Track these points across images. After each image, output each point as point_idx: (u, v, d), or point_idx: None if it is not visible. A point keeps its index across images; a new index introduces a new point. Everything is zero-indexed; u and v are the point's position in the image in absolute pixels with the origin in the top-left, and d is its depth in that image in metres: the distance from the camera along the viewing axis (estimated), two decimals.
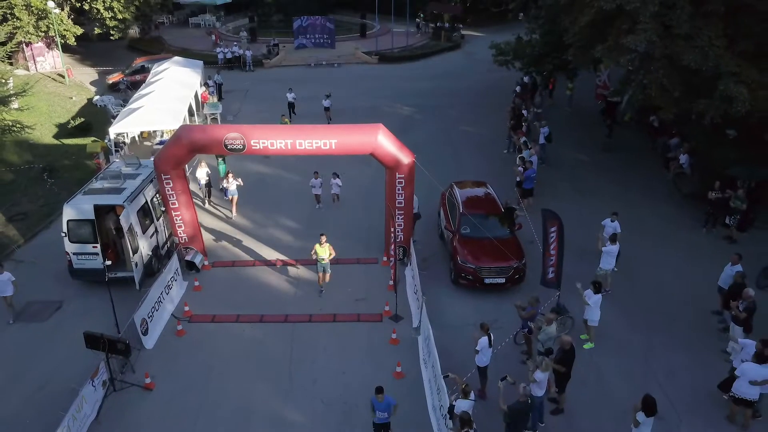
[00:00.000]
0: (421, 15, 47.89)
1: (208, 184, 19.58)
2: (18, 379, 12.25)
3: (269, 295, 15.03)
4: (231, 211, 18.98)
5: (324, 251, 14.37)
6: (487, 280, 14.51)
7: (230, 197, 18.80)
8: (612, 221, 15.51)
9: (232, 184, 18.59)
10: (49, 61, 36.45)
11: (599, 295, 12.45)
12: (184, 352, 13.01)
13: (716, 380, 11.51)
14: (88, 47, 39.26)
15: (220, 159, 20.13)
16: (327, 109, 27.04)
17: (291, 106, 27.53)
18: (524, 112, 24.77)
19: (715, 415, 11.05)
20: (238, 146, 14.47)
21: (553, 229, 13.45)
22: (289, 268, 16.19)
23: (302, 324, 13.88)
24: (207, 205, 19.65)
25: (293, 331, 13.60)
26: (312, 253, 14.45)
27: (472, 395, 9.81)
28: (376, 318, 14.06)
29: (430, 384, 11.71)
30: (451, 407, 9.70)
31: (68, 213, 14.34)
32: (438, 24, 46.09)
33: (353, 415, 11.34)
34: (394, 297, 14.38)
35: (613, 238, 14.38)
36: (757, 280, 14.81)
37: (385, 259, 16.32)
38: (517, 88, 28.36)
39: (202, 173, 19.35)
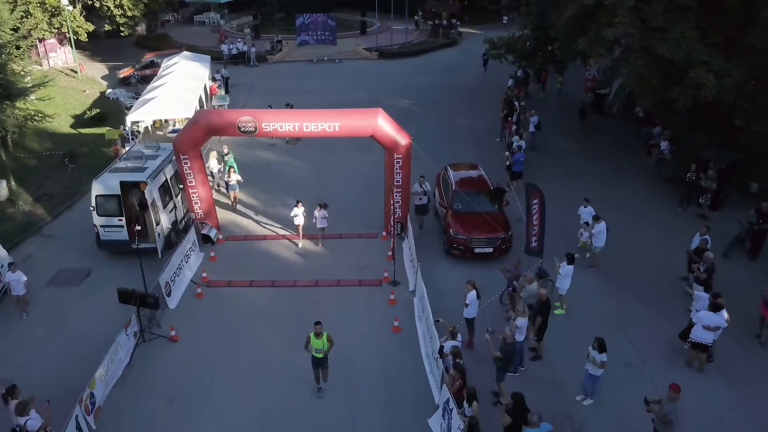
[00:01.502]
0: (420, 13, 49.40)
1: (220, 171, 20.86)
2: (57, 333, 13.69)
3: (279, 265, 16.48)
4: (232, 204, 19.62)
5: (320, 343, 11.38)
6: (476, 250, 15.97)
7: (231, 192, 19.46)
8: (585, 207, 16.69)
9: (232, 179, 19.21)
10: (61, 56, 37.90)
11: (571, 267, 13.82)
12: (203, 312, 14.47)
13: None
14: (97, 44, 40.75)
15: (227, 156, 20.99)
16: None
17: None
18: (516, 103, 26.24)
19: (676, 361, 12.48)
20: (251, 128, 15.91)
21: (535, 202, 14.89)
22: (296, 241, 17.61)
23: (309, 288, 15.33)
24: (219, 187, 21.00)
25: (301, 294, 15.05)
26: (306, 345, 11.54)
27: (459, 337, 11.28)
28: (376, 283, 15.52)
29: (423, 336, 13.17)
30: (441, 347, 11.16)
31: (96, 189, 15.78)
32: (436, 22, 47.63)
33: (355, 363, 12.76)
34: (393, 265, 15.83)
35: (596, 218, 15.75)
36: (724, 251, 16.29)
37: (384, 233, 17.76)
38: (510, 82, 29.84)
39: (213, 162, 20.69)
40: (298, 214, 16.97)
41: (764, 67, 17.14)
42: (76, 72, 35.79)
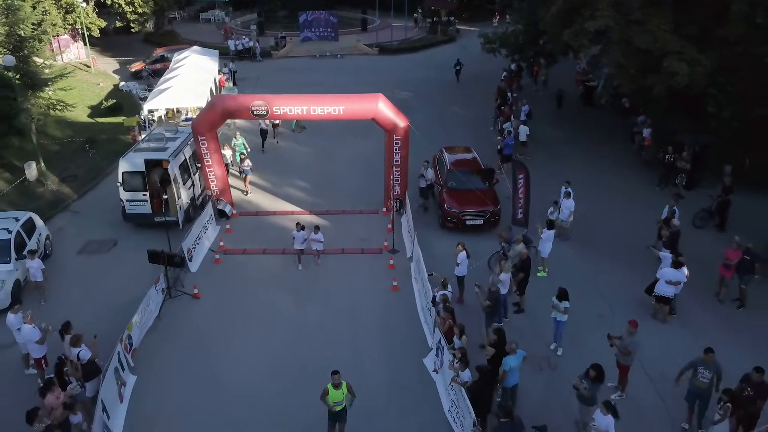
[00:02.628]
0: (419, 10, 50.99)
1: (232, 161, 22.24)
2: (90, 294, 15.22)
3: (288, 236, 17.94)
4: (245, 188, 20.88)
5: (340, 395, 10.06)
6: (468, 222, 17.57)
7: (244, 176, 20.85)
8: (565, 188, 17.73)
9: (246, 164, 20.69)
10: (74, 52, 39.47)
11: (552, 231, 15.44)
12: (222, 274, 16.07)
13: None
14: (107, 40, 42.33)
15: (238, 141, 22.39)
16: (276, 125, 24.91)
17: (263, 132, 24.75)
18: (509, 94, 27.84)
19: (642, 314, 13.97)
20: (263, 111, 17.50)
21: (521, 177, 16.48)
22: (302, 217, 19.15)
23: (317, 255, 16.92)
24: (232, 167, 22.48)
25: (310, 261, 16.62)
26: (323, 397, 10.15)
27: (449, 287, 12.87)
28: (377, 251, 17.12)
29: (419, 293, 14.77)
30: (434, 297, 12.74)
31: (123, 166, 17.36)
32: (435, 19, 49.21)
33: (358, 317, 14.35)
34: (392, 237, 17.42)
35: (567, 194, 17.27)
36: (692, 220, 17.91)
37: (384, 209, 19.34)
38: (504, 75, 31.44)
39: (227, 152, 21.81)
40: (298, 238, 15.85)
41: (734, 58, 18.71)
42: (89, 66, 37.38)
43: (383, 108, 17.59)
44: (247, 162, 20.80)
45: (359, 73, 36.75)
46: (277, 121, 25.08)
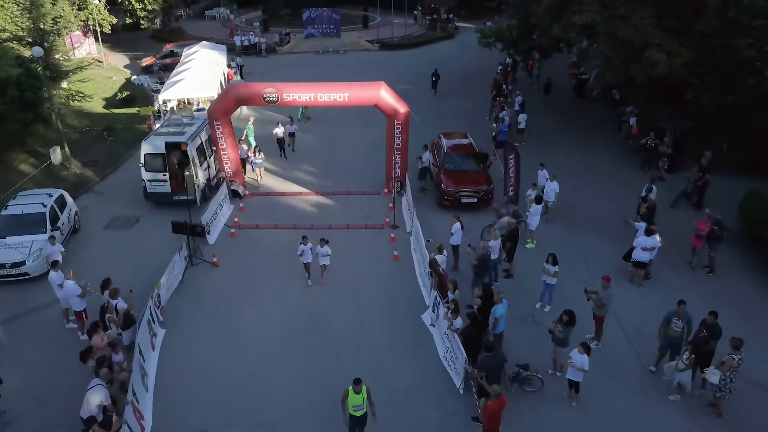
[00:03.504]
0: (419, 8, 52.45)
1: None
2: (118, 262, 16.63)
3: (297, 214, 19.56)
4: (258, 179, 21.75)
5: (360, 399, 10.02)
6: (463, 200, 19.03)
7: (257, 169, 21.69)
8: (541, 171, 19.03)
9: (258, 158, 21.46)
10: (86, 47, 40.93)
11: (540, 206, 16.91)
12: (237, 246, 17.55)
13: None
14: (115, 37, 43.73)
15: (250, 126, 23.66)
16: (291, 135, 24.05)
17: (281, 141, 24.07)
18: (504, 86, 29.29)
19: (620, 279, 15.42)
20: (274, 98, 18.94)
21: (511, 157, 17.95)
22: (310, 197, 20.66)
23: (324, 230, 18.28)
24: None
25: (318, 235, 17.98)
26: (343, 401, 10.16)
27: (444, 252, 14.32)
28: (379, 227, 18.59)
29: (417, 261, 16.23)
30: (431, 261, 14.19)
31: (145, 148, 18.81)
32: (434, 16, 50.68)
33: (362, 281, 15.82)
34: (393, 214, 18.88)
35: (553, 176, 18.67)
36: (671, 202, 19.35)
37: (386, 190, 20.78)
38: (500, 68, 32.89)
39: (242, 149, 21.66)
40: (306, 252, 15.36)
41: (710, 49, 20.14)
42: (101, 62, 38.82)
43: (385, 95, 19.03)
44: (261, 155, 21.56)
45: (361, 68, 38.15)
46: (293, 129, 24.48)
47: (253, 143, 22.83)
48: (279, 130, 23.65)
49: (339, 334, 13.76)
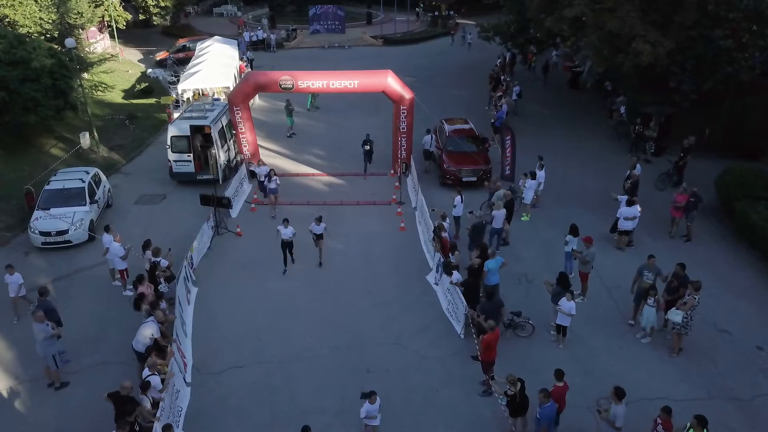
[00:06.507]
0: (421, 5, 54.14)
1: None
2: (151, 231, 18.17)
3: (311, 192, 21.24)
4: (273, 207, 19.40)
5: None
6: (464, 179, 20.71)
7: (270, 195, 19.17)
8: (540, 171, 20.32)
9: (272, 183, 19.00)
10: (101, 43, 42.51)
11: (533, 181, 18.57)
12: (257, 219, 19.26)
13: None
14: (128, 33, 45.36)
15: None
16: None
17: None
18: (502, 78, 30.97)
19: (607, 246, 17.13)
20: (289, 85, 20.61)
21: (508, 138, 19.64)
22: (322, 177, 22.34)
23: (335, 206, 20.04)
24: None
25: (330, 210, 19.72)
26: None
27: (447, 219, 16.01)
28: (387, 203, 20.28)
29: (422, 232, 17.93)
30: (435, 228, 15.86)
31: (172, 131, 20.51)
32: (435, 13, 52.34)
33: (372, 249, 17.54)
34: (399, 192, 20.56)
35: (541, 166, 20.23)
36: (655, 183, 21.01)
37: (392, 171, 22.46)
38: (498, 61, 34.56)
39: (261, 170, 20.14)
40: (286, 233, 15.95)
41: (690, 40, 21.78)
42: (116, 56, 40.46)
43: (392, 82, 20.70)
44: (276, 179, 19.01)
45: (365, 62, 39.65)
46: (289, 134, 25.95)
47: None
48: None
49: (353, 289, 15.52)
